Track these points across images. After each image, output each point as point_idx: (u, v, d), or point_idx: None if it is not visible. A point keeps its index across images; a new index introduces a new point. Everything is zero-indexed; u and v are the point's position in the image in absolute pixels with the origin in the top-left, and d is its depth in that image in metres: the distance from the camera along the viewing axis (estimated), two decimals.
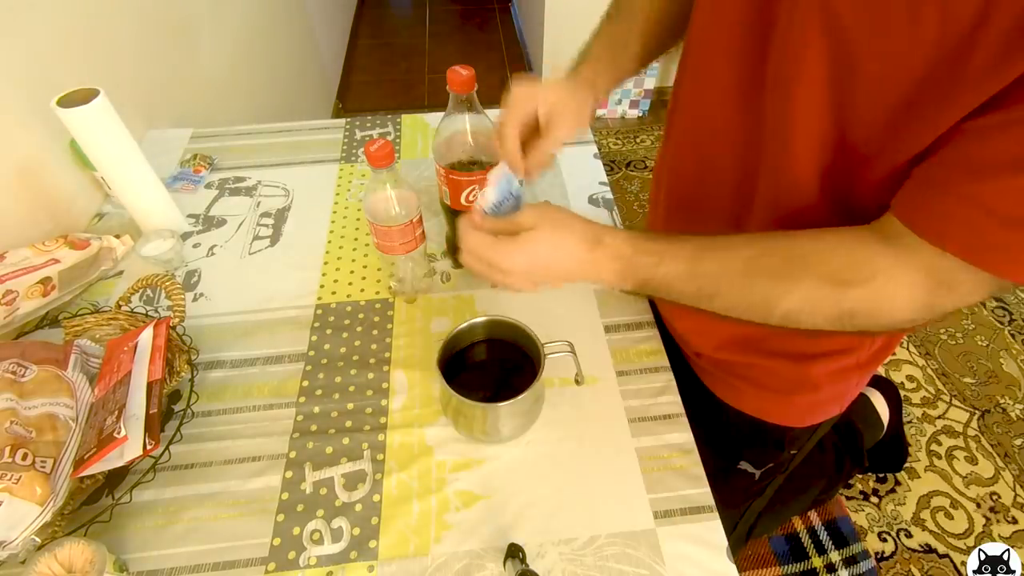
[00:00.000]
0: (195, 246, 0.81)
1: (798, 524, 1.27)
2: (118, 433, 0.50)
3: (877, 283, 0.39)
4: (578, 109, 0.54)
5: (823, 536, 1.25)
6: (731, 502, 0.84)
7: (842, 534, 1.25)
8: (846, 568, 1.20)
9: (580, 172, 0.92)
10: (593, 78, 0.57)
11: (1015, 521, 1.27)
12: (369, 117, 1.05)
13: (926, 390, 1.49)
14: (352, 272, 0.78)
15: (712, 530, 0.55)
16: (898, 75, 0.36)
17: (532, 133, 0.54)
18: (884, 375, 1.52)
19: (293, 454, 0.60)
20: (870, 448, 1.25)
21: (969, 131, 0.34)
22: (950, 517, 1.27)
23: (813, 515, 1.28)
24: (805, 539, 1.25)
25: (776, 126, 0.46)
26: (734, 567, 0.53)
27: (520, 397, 0.54)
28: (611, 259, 0.46)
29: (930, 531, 1.25)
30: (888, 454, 1.29)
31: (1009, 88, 0.31)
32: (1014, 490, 1.31)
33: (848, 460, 1.18)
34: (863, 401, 1.29)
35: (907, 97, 0.36)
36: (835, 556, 1.22)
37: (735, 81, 0.49)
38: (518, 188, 0.54)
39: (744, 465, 0.77)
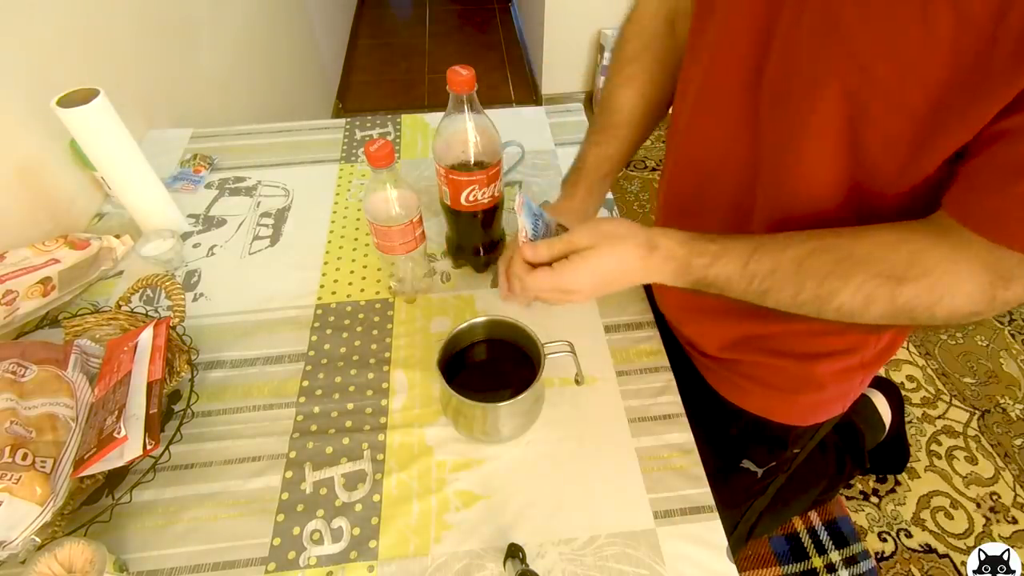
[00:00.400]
0: (195, 246, 0.81)
1: (798, 524, 1.27)
2: (118, 433, 0.50)
3: (932, 278, 0.39)
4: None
5: (823, 536, 1.25)
6: (733, 501, 0.84)
7: (842, 534, 1.25)
8: (846, 568, 1.20)
9: None
10: (584, 211, 0.67)
11: (1015, 521, 1.27)
12: (369, 117, 1.05)
13: (926, 390, 1.49)
14: (352, 272, 0.78)
15: (712, 530, 0.55)
16: (916, 80, 0.35)
17: None
18: (885, 375, 1.52)
19: (293, 454, 0.60)
20: (871, 449, 1.25)
21: (1013, 131, 0.33)
22: (950, 517, 1.27)
23: (813, 515, 1.28)
24: (805, 539, 1.25)
25: (780, 141, 0.46)
26: (734, 567, 0.52)
27: (520, 397, 0.54)
28: (665, 261, 0.48)
29: (930, 531, 1.25)
30: (890, 455, 1.29)
31: None
32: (1014, 490, 1.31)
33: (849, 460, 1.18)
34: (865, 402, 1.29)
35: (928, 102, 0.35)
36: (835, 556, 1.22)
37: (736, 97, 0.49)
38: (538, 208, 0.58)
39: (747, 464, 0.77)
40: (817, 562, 1.22)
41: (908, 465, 1.35)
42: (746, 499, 0.85)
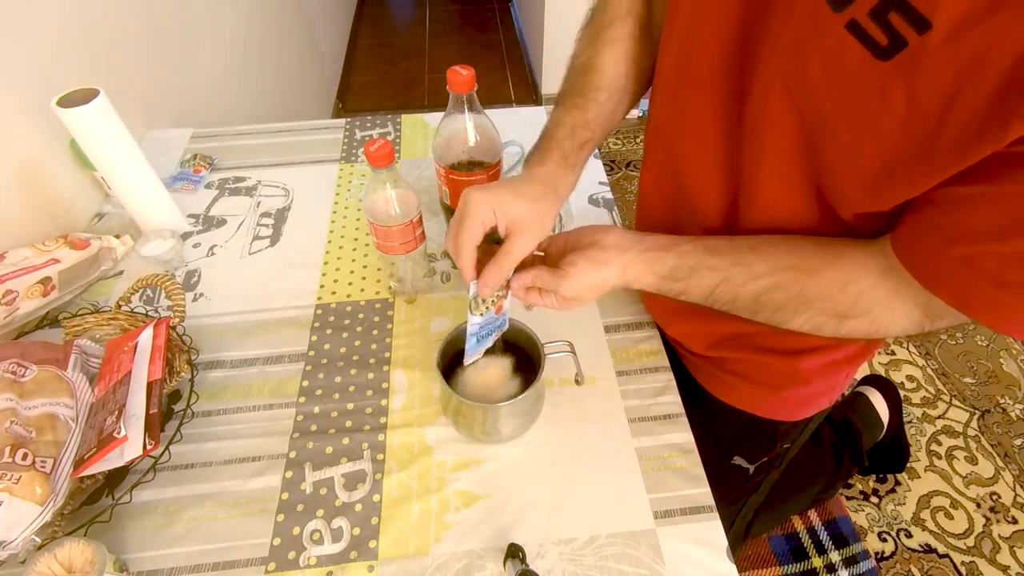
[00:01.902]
0: (195, 246, 0.81)
1: (798, 524, 1.27)
2: (118, 433, 0.50)
3: (872, 315, 0.44)
4: (540, 225, 0.50)
5: (823, 536, 1.25)
6: (727, 498, 0.84)
7: (842, 534, 1.25)
8: (846, 568, 1.20)
9: None
10: (555, 182, 0.54)
11: (1015, 521, 1.27)
12: (369, 117, 1.05)
13: (926, 390, 1.49)
14: (352, 272, 0.78)
15: (712, 530, 0.55)
16: (869, 140, 0.37)
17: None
18: (884, 375, 1.52)
19: (293, 454, 0.60)
20: (871, 448, 1.26)
21: (955, 197, 0.36)
22: (950, 517, 1.27)
23: (813, 515, 1.28)
24: (805, 539, 1.25)
25: (751, 167, 0.48)
26: (734, 567, 0.53)
27: (520, 397, 0.54)
28: (640, 285, 0.52)
29: (930, 531, 1.25)
30: (890, 454, 1.29)
31: (984, 162, 0.32)
32: (1014, 490, 1.31)
33: (847, 459, 1.19)
34: (862, 400, 1.29)
35: (881, 162, 0.37)
36: (835, 556, 1.22)
37: (715, 117, 0.50)
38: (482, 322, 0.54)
39: (738, 460, 0.77)
40: (817, 562, 1.22)
41: (908, 465, 1.35)
42: (740, 496, 0.85)
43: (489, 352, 0.59)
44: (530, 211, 0.49)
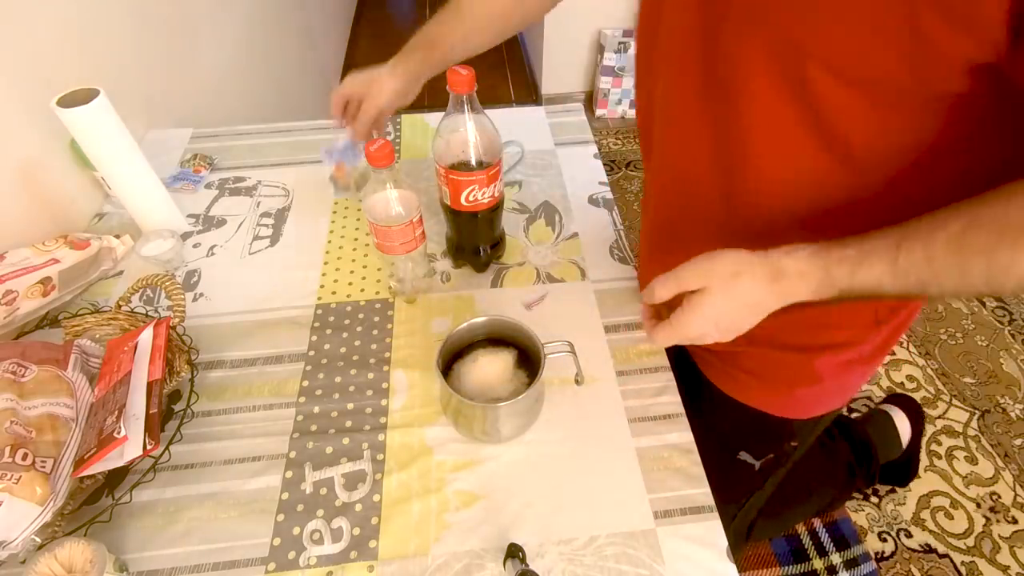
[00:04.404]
0: (195, 246, 0.81)
1: (799, 525, 1.27)
2: (118, 433, 0.50)
3: None
4: (399, 100, 0.75)
5: (824, 538, 1.25)
6: (730, 494, 0.84)
7: (843, 536, 1.25)
8: (847, 570, 1.20)
9: (580, 172, 0.92)
10: (418, 71, 0.75)
11: (1015, 521, 1.27)
12: None
13: (926, 390, 1.49)
14: (352, 272, 0.78)
15: (712, 530, 0.55)
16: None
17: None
18: (885, 375, 1.52)
19: (293, 454, 0.60)
20: (883, 464, 1.25)
21: None
22: (950, 517, 1.27)
23: (814, 516, 1.28)
24: (806, 541, 1.25)
25: (736, 137, 0.46)
26: (734, 567, 0.52)
27: (520, 397, 0.54)
28: (799, 281, 0.43)
29: (930, 531, 1.25)
30: (898, 469, 1.29)
31: None
32: (1014, 490, 1.31)
33: (860, 477, 1.19)
34: (886, 420, 1.29)
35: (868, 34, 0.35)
36: (836, 558, 1.22)
37: (693, 92, 0.49)
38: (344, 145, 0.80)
39: (744, 456, 0.77)
40: (818, 564, 1.22)
41: None
42: (744, 493, 0.85)
43: (490, 350, 0.59)
44: (393, 98, 0.75)
